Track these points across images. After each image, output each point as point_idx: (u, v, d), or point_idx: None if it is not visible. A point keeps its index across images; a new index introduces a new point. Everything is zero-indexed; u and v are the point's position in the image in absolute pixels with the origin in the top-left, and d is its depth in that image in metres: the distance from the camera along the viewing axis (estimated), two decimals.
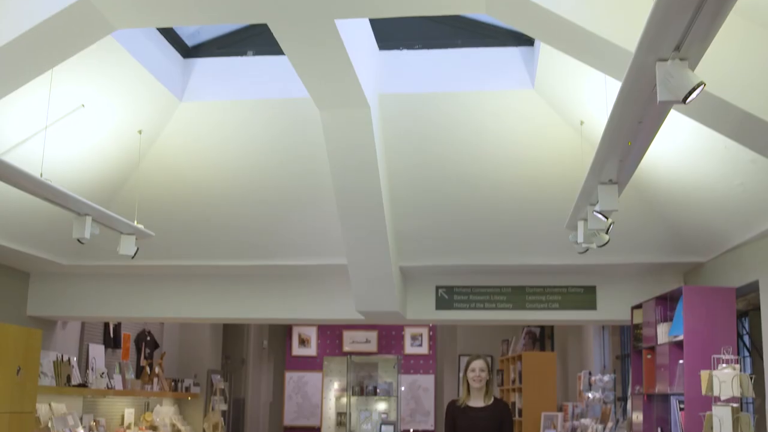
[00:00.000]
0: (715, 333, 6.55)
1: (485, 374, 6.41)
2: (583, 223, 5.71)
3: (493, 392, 6.52)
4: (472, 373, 6.40)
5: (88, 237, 6.03)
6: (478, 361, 6.44)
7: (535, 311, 8.71)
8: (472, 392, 6.42)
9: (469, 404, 6.42)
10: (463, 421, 6.40)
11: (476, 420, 6.35)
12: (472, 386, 6.39)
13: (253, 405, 16.46)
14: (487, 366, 6.50)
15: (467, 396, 6.44)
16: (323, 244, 8.20)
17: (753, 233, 6.41)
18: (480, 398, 6.39)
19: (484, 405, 6.39)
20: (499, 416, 6.39)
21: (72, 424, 9.06)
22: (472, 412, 6.38)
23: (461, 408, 6.43)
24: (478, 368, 6.39)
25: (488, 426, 6.35)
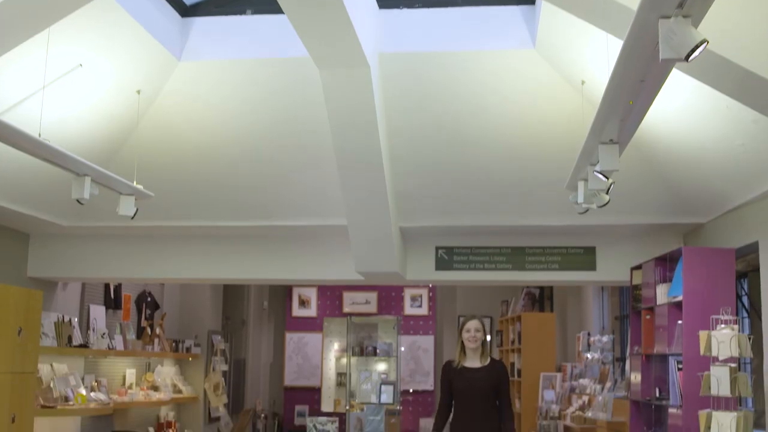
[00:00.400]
0: (714, 294, 6.57)
1: (481, 335, 6.36)
2: (584, 184, 5.70)
3: (489, 353, 6.49)
4: (467, 334, 6.35)
5: (88, 197, 6.02)
6: (473, 321, 6.39)
7: (534, 272, 8.72)
8: (467, 353, 6.38)
9: (465, 365, 6.37)
10: (460, 383, 6.33)
11: (472, 381, 6.28)
12: (468, 347, 6.36)
13: (253, 366, 16.56)
14: (483, 326, 6.44)
15: (463, 357, 6.39)
16: (323, 204, 8.18)
17: (753, 194, 6.40)
18: (476, 359, 6.35)
19: (480, 366, 6.35)
20: (496, 377, 6.32)
21: (74, 384, 9.11)
22: (469, 373, 6.32)
23: (457, 369, 6.38)
24: (473, 328, 6.34)
25: (485, 387, 6.28)
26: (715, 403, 5.88)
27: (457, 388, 6.33)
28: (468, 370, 6.33)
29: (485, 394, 6.27)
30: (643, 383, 7.48)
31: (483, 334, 6.40)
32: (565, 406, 10.61)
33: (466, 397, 6.31)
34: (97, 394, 9.55)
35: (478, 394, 6.27)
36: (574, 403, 10.30)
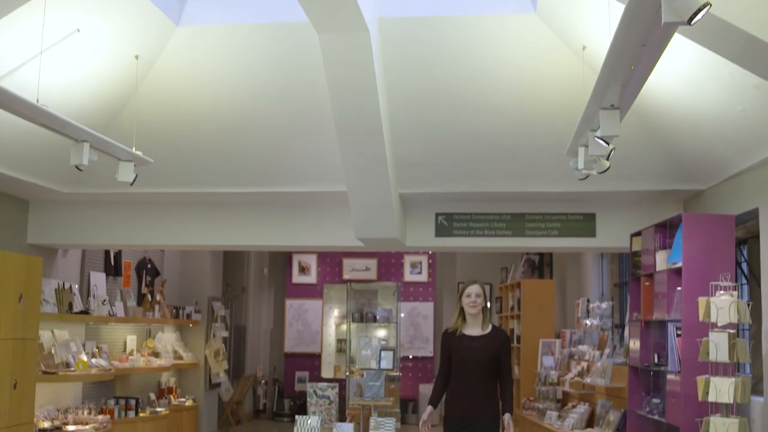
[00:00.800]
0: (713, 260, 6.57)
1: (481, 300, 6.06)
2: (584, 149, 5.68)
3: (490, 319, 6.20)
4: (467, 299, 6.06)
5: (86, 164, 6.00)
6: (473, 286, 6.09)
7: (534, 238, 8.72)
8: (468, 319, 6.09)
9: (465, 332, 6.08)
10: (459, 351, 6.03)
11: (473, 349, 5.99)
12: (468, 313, 6.07)
13: (253, 332, 16.64)
14: (484, 291, 6.15)
15: (463, 323, 6.11)
16: (323, 171, 8.17)
17: (754, 160, 6.38)
18: (477, 326, 6.06)
19: (481, 333, 6.06)
20: (498, 345, 6.02)
21: (75, 350, 9.16)
22: (469, 341, 6.03)
23: (457, 336, 6.08)
24: (474, 293, 6.05)
25: (486, 355, 5.97)
26: (714, 369, 5.91)
27: (457, 356, 6.03)
28: (468, 338, 6.03)
29: (485, 363, 5.96)
30: (642, 349, 7.51)
31: (484, 299, 6.09)
32: (564, 372, 10.67)
33: (465, 365, 5.99)
34: (98, 360, 9.60)
35: (478, 363, 5.96)
36: (572, 369, 10.36)
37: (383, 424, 7.52)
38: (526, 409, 11.43)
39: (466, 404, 5.98)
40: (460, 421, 6.00)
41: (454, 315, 6.22)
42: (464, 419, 5.97)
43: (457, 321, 6.14)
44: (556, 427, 9.69)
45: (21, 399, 7.47)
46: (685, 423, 6.35)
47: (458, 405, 6.03)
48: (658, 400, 7.24)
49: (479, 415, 5.94)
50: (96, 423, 8.95)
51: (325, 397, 8.00)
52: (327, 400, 7.99)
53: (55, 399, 9.17)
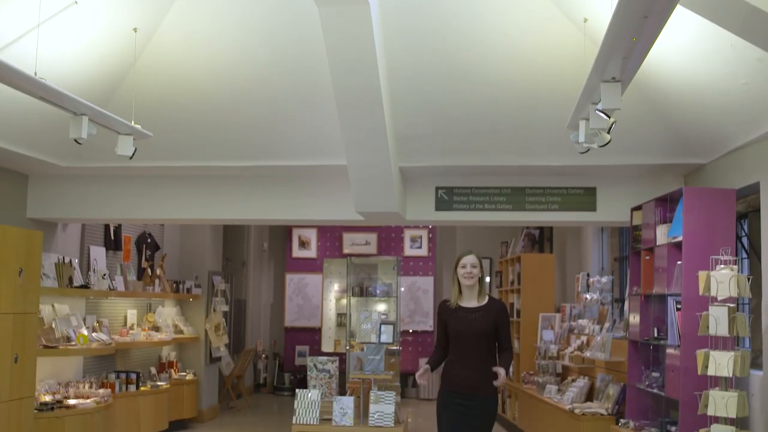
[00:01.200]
0: (714, 234, 6.57)
1: (477, 271, 5.92)
2: (585, 123, 5.65)
3: (486, 291, 6.06)
4: (462, 270, 5.91)
5: (85, 137, 5.97)
6: (469, 256, 5.95)
7: (534, 212, 8.71)
8: (464, 291, 5.96)
9: (461, 305, 5.97)
10: (456, 324, 5.91)
11: (469, 322, 5.86)
12: (464, 284, 5.93)
13: (254, 306, 16.68)
14: (480, 262, 5.98)
15: (459, 296, 5.98)
16: (323, 144, 8.14)
17: (756, 134, 6.35)
18: (473, 298, 5.94)
19: (477, 305, 5.93)
20: (495, 317, 5.89)
21: (75, 324, 9.18)
22: (465, 313, 5.90)
23: (453, 309, 5.97)
24: (469, 264, 5.91)
25: (483, 328, 5.84)
26: (713, 343, 5.92)
27: (453, 328, 5.90)
28: (464, 310, 5.91)
29: (483, 335, 5.82)
30: (642, 323, 7.53)
31: (480, 270, 5.95)
32: (564, 346, 10.70)
33: (462, 338, 5.86)
34: (98, 334, 9.63)
35: (476, 335, 5.82)
36: (572, 343, 10.38)
37: (383, 398, 7.55)
38: (526, 383, 11.48)
39: (463, 378, 5.85)
40: (458, 396, 5.85)
41: (453, 288, 6.05)
42: (462, 393, 5.83)
43: (455, 294, 6.01)
44: (555, 400, 9.73)
45: (22, 373, 7.50)
46: (684, 396, 6.37)
47: (456, 378, 5.89)
48: (657, 373, 7.27)
49: (478, 389, 5.81)
50: (97, 397, 8.99)
51: (326, 370, 8.02)
52: (327, 374, 8.02)
53: (55, 373, 9.20)
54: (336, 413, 7.61)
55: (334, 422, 7.60)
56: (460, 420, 5.85)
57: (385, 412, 7.50)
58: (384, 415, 7.49)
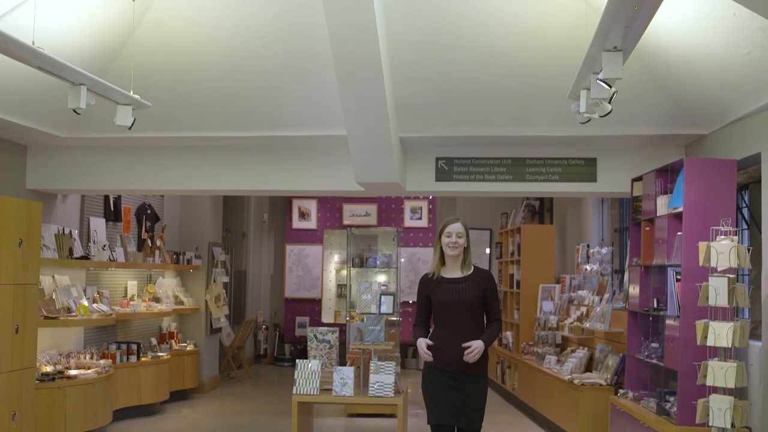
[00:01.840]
0: (714, 205, 6.56)
1: (463, 241, 5.57)
2: (586, 93, 5.62)
3: (471, 261, 5.68)
4: (447, 239, 5.56)
5: (84, 107, 5.94)
6: (455, 224, 5.58)
7: (535, 183, 8.69)
8: (447, 262, 5.62)
9: (444, 276, 5.62)
10: (440, 296, 5.55)
11: (454, 293, 5.52)
12: (448, 254, 5.58)
13: (254, 277, 16.71)
14: (466, 231, 5.62)
15: (442, 267, 5.64)
16: (323, 114, 8.10)
17: (757, 104, 6.32)
18: (457, 268, 5.60)
19: (462, 275, 5.59)
20: (482, 287, 5.56)
21: (76, 295, 9.19)
22: (449, 285, 5.55)
23: (436, 281, 5.61)
24: (454, 233, 5.55)
25: (470, 298, 5.51)
26: (713, 314, 5.93)
27: (437, 301, 5.55)
28: (448, 281, 5.57)
29: (471, 305, 5.51)
30: (642, 294, 7.53)
31: (466, 240, 5.59)
32: (564, 317, 10.72)
33: (447, 311, 5.53)
34: (99, 305, 9.65)
35: (464, 305, 5.50)
36: (572, 314, 10.41)
37: (383, 368, 7.57)
38: (525, 354, 11.52)
39: (452, 355, 5.48)
40: (446, 375, 5.52)
41: (434, 258, 5.71)
42: (451, 372, 5.51)
43: (437, 264, 5.65)
44: (555, 371, 9.76)
45: (23, 344, 7.52)
46: (683, 367, 6.39)
47: (444, 356, 5.52)
48: (656, 344, 7.28)
49: (469, 367, 5.48)
50: (98, 367, 9.03)
51: (326, 341, 8.03)
52: (327, 345, 8.03)
53: (56, 344, 9.23)
54: (336, 383, 7.63)
55: (334, 392, 7.64)
56: (450, 401, 5.52)
57: (385, 382, 7.52)
58: (384, 386, 7.51)
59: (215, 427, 10.05)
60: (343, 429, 10.12)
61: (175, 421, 10.38)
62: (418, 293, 5.76)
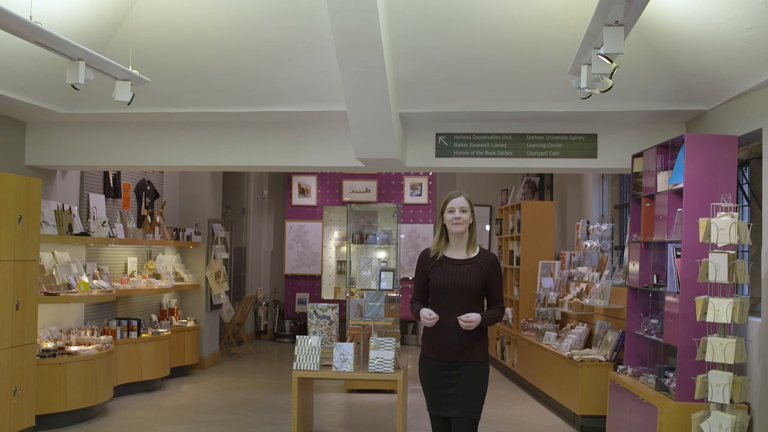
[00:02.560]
0: (715, 181, 6.54)
1: (468, 216, 5.17)
2: (587, 68, 5.59)
3: (477, 241, 5.30)
4: (450, 215, 5.17)
5: (83, 82, 5.91)
6: (458, 198, 5.18)
7: (535, 159, 8.67)
8: (451, 240, 5.22)
9: (446, 255, 5.23)
10: (440, 276, 5.16)
11: (456, 276, 5.13)
12: (451, 231, 5.18)
13: (254, 254, 16.73)
14: (471, 206, 5.22)
15: (444, 245, 5.25)
16: (323, 90, 8.06)
17: (759, 80, 6.29)
18: (461, 248, 5.21)
19: (467, 257, 5.20)
20: (487, 270, 5.17)
21: (76, 272, 9.20)
22: (451, 266, 5.17)
23: (437, 260, 5.21)
24: (458, 208, 5.15)
25: (472, 283, 5.12)
26: (712, 290, 5.93)
27: (437, 283, 5.14)
28: (451, 262, 5.18)
29: (471, 291, 5.11)
30: (641, 270, 7.54)
31: (470, 215, 5.20)
32: (563, 294, 10.74)
33: (447, 294, 5.13)
34: (99, 281, 9.66)
35: (463, 291, 5.11)
36: (572, 290, 10.42)
37: (383, 344, 7.58)
38: (525, 330, 11.54)
39: (448, 342, 5.12)
40: (441, 365, 5.16)
41: (436, 236, 5.31)
42: (446, 361, 5.14)
43: (439, 242, 5.27)
44: (554, 347, 9.79)
45: (23, 320, 7.53)
46: (682, 343, 6.41)
47: (439, 343, 5.16)
48: (656, 320, 7.29)
49: (466, 354, 5.13)
50: (98, 343, 9.05)
51: (326, 317, 8.05)
52: (327, 321, 8.05)
53: (57, 320, 9.25)
54: (336, 359, 7.65)
55: (334, 368, 7.66)
56: (444, 391, 5.16)
57: (385, 358, 7.54)
58: (384, 361, 7.53)
59: (216, 402, 10.08)
60: (343, 405, 10.17)
61: (176, 397, 10.42)
62: (417, 269, 5.36)
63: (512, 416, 9.40)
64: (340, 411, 9.84)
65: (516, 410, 9.79)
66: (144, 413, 9.33)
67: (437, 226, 5.33)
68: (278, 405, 9.85)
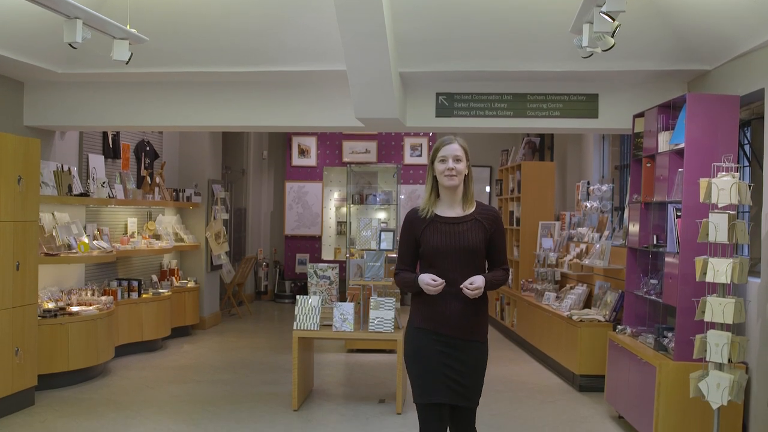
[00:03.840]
0: (716, 141, 6.51)
1: (463, 166, 4.35)
2: (589, 26, 5.54)
3: (473, 195, 4.50)
4: (441, 165, 4.34)
5: (80, 41, 5.86)
6: (451, 145, 4.35)
7: (536, 119, 8.63)
8: (443, 195, 4.42)
9: (438, 213, 4.42)
10: (434, 238, 4.34)
11: (451, 237, 4.34)
12: (443, 185, 4.37)
13: (254, 215, 16.74)
14: (465, 152, 4.38)
15: (434, 201, 4.45)
16: (323, 48, 8.00)
17: (762, 39, 6.23)
18: (455, 204, 4.42)
19: (463, 214, 4.42)
20: (487, 229, 4.40)
21: (76, 232, 9.20)
22: (446, 226, 4.36)
23: (427, 219, 4.39)
24: (450, 156, 4.32)
25: (472, 243, 4.34)
26: (712, 250, 5.93)
27: (430, 245, 4.33)
28: (444, 221, 4.37)
29: (472, 253, 4.34)
30: (641, 231, 7.53)
31: (466, 165, 4.37)
32: (563, 254, 10.75)
33: (443, 257, 4.32)
34: (99, 242, 9.66)
35: (460, 254, 4.32)
36: (571, 251, 10.43)
37: (383, 304, 7.61)
38: (525, 291, 11.58)
39: (447, 315, 4.33)
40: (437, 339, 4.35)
41: (426, 189, 4.49)
42: (444, 336, 4.34)
43: (429, 199, 4.45)
44: (554, 307, 9.83)
45: (24, 280, 7.54)
46: (681, 303, 6.42)
47: (436, 316, 4.35)
48: (655, 281, 7.31)
49: (468, 330, 4.36)
50: (99, 304, 9.08)
51: (326, 277, 8.07)
52: (327, 281, 8.07)
53: (58, 281, 9.27)
54: (336, 319, 7.68)
55: (334, 328, 7.69)
56: (446, 373, 4.34)
57: (385, 318, 7.57)
58: (384, 321, 7.56)
59: (217, 362, 10.14)
60: (343, 364, 10.22)
61: (177, 357, 10.48)
62: (403, 233, 4.49)
63: (511, 376, 9.46)
64: (341, 370, 9.90)
65: (515, 370, 9.86)
66: (145, 373, 9.39)
67: (427, 179, 4.48)
68: (279, 365, 9.91)
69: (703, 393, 5.79)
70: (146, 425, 7.15)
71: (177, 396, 8.29)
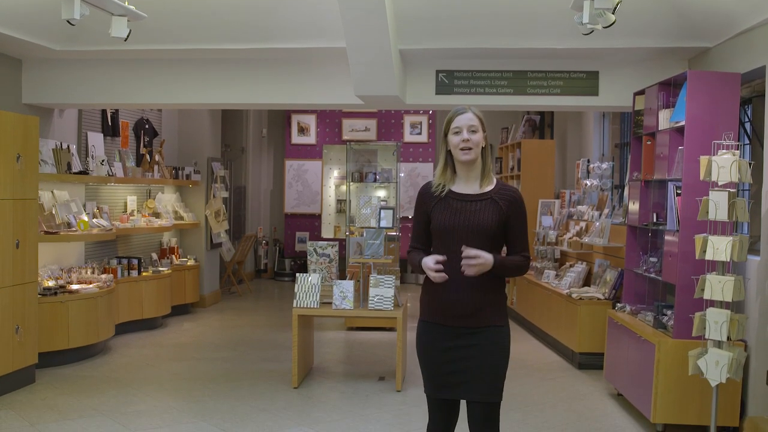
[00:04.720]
0: (717, 119, 6.49)
1: (479, 137, 3.96)
2: (590, 3, 5.52)
3: (493, 171, 4.11)
4: (456, 137, 3.95)
5: (78, 18, 5.83)
6: (465, 114, 3.97)
7: (536, 96, 8.60)
8: (459, 170, 4.04)
9: (453, 189, 4.04)
10: (445, 216, 3.97)
11: (464, 215, 3.95)
12: (459, 160, 3.99)
13: (253, 193, 16.73)
14: (481, 123, 3.98)
15: (451, 177, 4.06)
16: (322, 25, 7.96)
17: (764, 16, 6.20)
18: (473, 180, 4.03)
19: (480, 191, 4.02)
20: (505, 210, 3.98)
21: (75, 210, 9.19)
22: (459, 203, 3.99)
23: (441, 197, 4.03)
24: (465, 127, 3.93)
25: (486, 224, 3.93)
26: (712, 228, 5.93)
27: (441, 223, 3.96)
28: (459, 198, 4.00)
29: (486, 234, 3.93)
30: (641, 209, 7.53)
31: (482, 137, 3.98)
32: (563, 232, 10.75)
33: (452, 239, 3.93)
34: (99, 220, 9.66)
35: (473, 235, 3.91)
36: (571, 229, 10.43)
37: (383, 282, 7.62)
38: None
39: (456, 302, 3.95)
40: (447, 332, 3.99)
41: (439, 166, 4.12)
42: (455, 326, 3.98)
43: (444, 174, 4.07)
44: (553, 285, 9.84)
45: (24, 258, 7.54)
46: (681, 281, 6.42)
47: (444, 304, 3.99)
48: (655, 258, 7.31)
49: (482, 316, 3.97)
50: (99, 282, 9.09)
51: (326, 255, 8.07)
52: (327, 258, 8.07)
53: (58, 259, 9.28)
54: (336, 297, 7.69)
55: (334, 305, 7.70)
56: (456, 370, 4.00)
57: (385, 295, 7.58)
58: (384, 299, 7.57)
59: (217, 340, 10.17)
60: (343, 342, 10.25)
61: (177, 335, 10.51)
62: (416, 209, 4.15)
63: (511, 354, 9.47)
64: (340, 348, 9.93)
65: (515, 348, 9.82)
66: (146, 351, 9.41)
67: (440, 153, 4.12)
68: (279, 342, 9.93)
69: (701, 370, 5.81)
70: (147, 402, 7.18)
71: (177, 373, 8.32)
